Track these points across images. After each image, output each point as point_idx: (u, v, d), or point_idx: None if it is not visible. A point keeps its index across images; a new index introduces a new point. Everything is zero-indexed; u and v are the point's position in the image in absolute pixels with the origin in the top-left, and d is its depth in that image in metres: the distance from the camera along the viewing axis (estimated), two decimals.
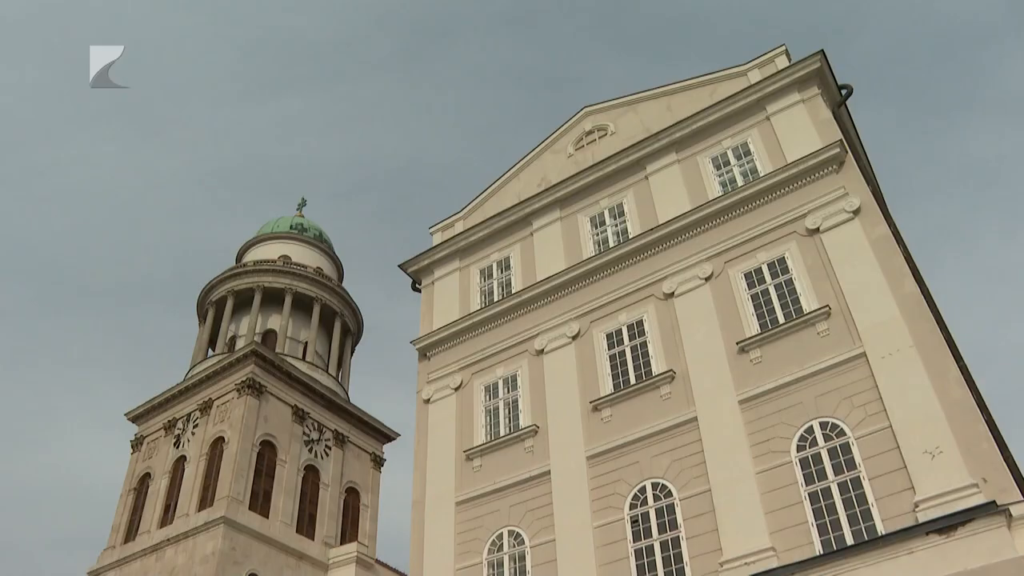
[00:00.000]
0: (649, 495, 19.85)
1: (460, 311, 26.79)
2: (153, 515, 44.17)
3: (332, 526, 45.68)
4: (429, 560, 22.37)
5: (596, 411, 21.89)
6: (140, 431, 49.36)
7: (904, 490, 16.60)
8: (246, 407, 43.81)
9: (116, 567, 43.40)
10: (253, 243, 57.90)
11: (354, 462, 49.32)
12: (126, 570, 42.82)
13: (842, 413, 18.22)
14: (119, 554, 43.81)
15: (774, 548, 17.33)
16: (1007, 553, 14.92)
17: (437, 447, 24.25)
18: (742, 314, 21.04)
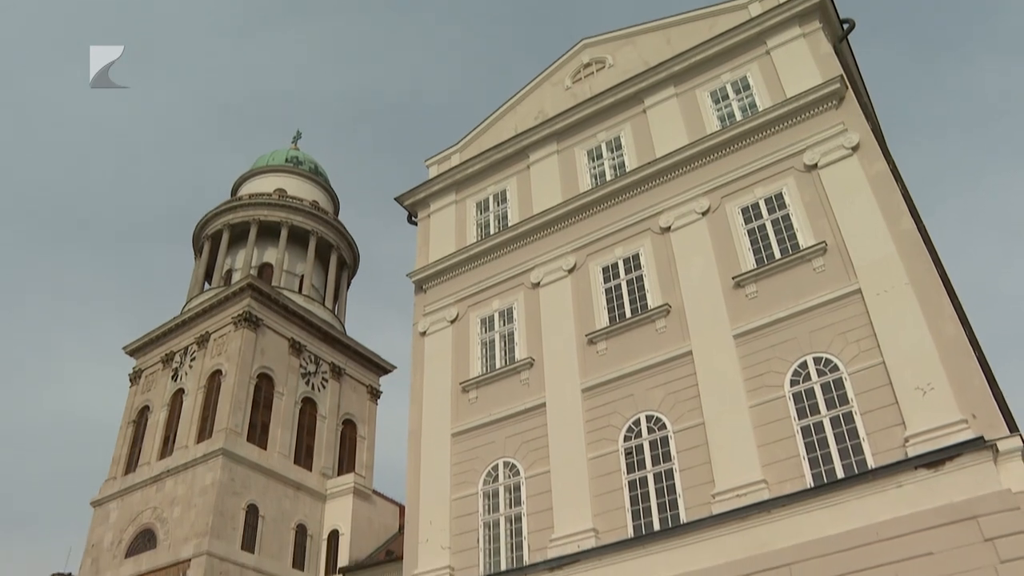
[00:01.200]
0: (643, 427, 20.06)
1: (456, 244, 26.76)
2: (153, 447, 44.67)
3: (329, 457, 46.23)
4: (425, 490, 22.67)
5: (591, 344, 22.01)
6: (138, 365, 49.64)
7: (895, 425, 16.80)
8: (243, 340, 44.01)
9: (118, 497, 44.05)
10: (248, 176, 57.57)
11: (351, 394, 49.74)
12: (127, 500, 43.46)
13: (836, 349, 18.33)
14: (120, 485, 44.42)
15: (766, 481, 17.57)
16: (992, 486, 15.18)
17: (433, 379, 24.42)
18: (738, 249, 21.03)
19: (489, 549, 20.95)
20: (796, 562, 16.25)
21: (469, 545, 21.19)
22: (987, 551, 14.59)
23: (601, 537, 19.10)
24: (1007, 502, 14.88)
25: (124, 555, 41.45)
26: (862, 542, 15.74)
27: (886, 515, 15.79)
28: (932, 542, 15.09)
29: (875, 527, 15.76)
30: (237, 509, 39.72)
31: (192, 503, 39.76)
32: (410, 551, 22.30)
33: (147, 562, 39.91)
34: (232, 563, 38.33)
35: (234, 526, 39.26)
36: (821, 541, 16.20)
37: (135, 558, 40.74)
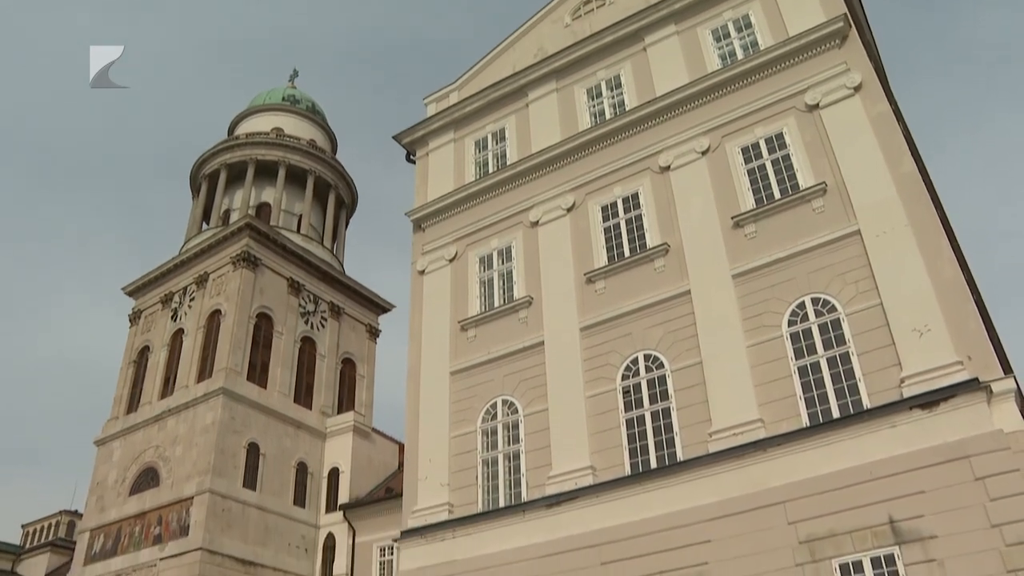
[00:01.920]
0: (641, 366, 20.18)
1: (455, 183, 26.65)
2: (153, 387, 44.93)
3: (329, 396, 46.54)
4: (424, 428, 22.88)
5: (590, 283, 22.04)
6: (137, 305, 49.70)
7: (891, 366, 16.90)
8: (242, 280, 44.00)
9: (120, 437, 44.44)
10: (245, 115, 57.00)
11: (350, 333, 49.89)
12: (130, 439, 43.86)
13: (834, 290, 18.35)
14: (122, 424, 44.79)
15: (762, 420, 17.74)
16: (985, 427, 15.35)
17: (432, 318, 24.49)
18: (738, 189, 20.94)
19: (488, 486, 21.21)
20: (791, 500, 16.48)
21: (468, 482, 21.45)
22: (977, 490, 14.80)
23: (599, 475, 19.33)
24: (999, 442, 15.06)
25: (128, 493, 41.97)
26: (856, 480, 15.95)
27: (880, 454, 15.99)
28: (924, 481, 15.30)
29: (869, 466, 15.97)
30: (238, 447, 40.10)
31: (193, 442, 40.13)
32: (409, 488, 22.58)
33: (151, 500, 40.43)
34: (234, 500, 38.82)
35: (235, 464, 39.67)
36: (816, 479, 16.42)
37: (139, 496, 41.25)
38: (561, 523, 19.13)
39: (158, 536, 39.04)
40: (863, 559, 15.41)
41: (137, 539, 39.94)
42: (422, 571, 20.76)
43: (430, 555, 20.84)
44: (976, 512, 14.66)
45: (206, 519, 37.40)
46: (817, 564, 15.77)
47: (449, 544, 20.70)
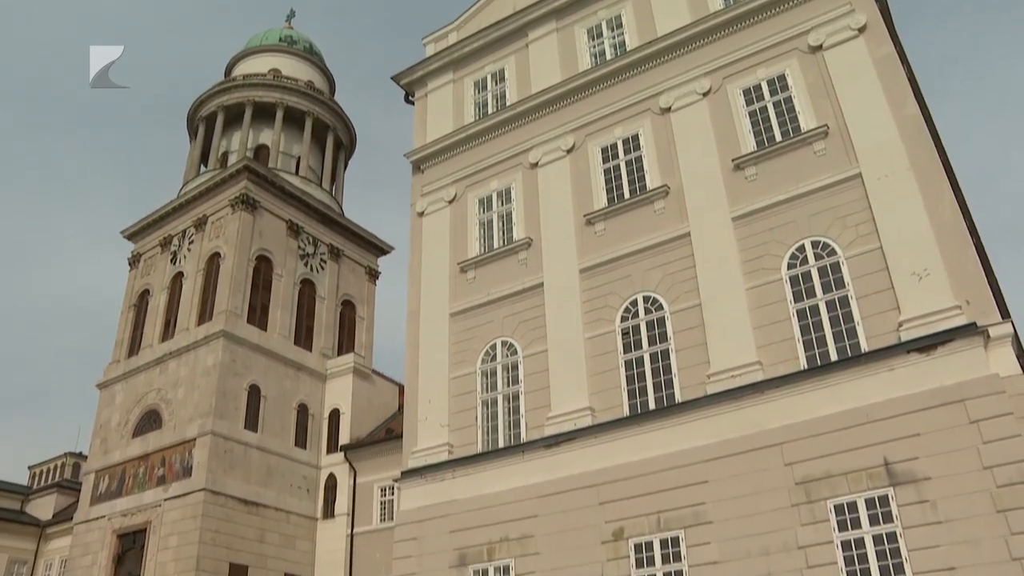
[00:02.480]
0: (640, 308, 20.23)
1: (454, 124, 26.44)
2: (154, 330, 45.05)
3: (329, 338, 46.67)
4: (424, 370, 23.01)
5: (590, 225, 21.99)
6: (137, 248, 49.62)
7: (889, 310, 16.96)
8: (240, 222, 43.86)
9: (122, 380, 44.68)
10: (242, 56, 56.27)
11: (349, 275, 49.89)
12: (132, 382, 44.10)
13: (834, 233, 18.32)
14: (124, 368, 45.00)
15: (760, 362, 17.84)
16: (981, 371, 15.46)
17: (431, 259, 24.49)
18: (739, 131, 20.79)
19: (487, 427, 21.41)
20: (788, 441, 16.66)
21: (467, 423, 21.64)
22: (972, 433, 14.96)
23: (597, 415, 19.49)
24: (994, 386, 15.18)
25: (131, 435, 42.33)
26: (852, 423, 16.12)
27: (877, 397, 16.13)
28: (920, 423, 15.46)
29: (866, 409, 16.11)
30: (239, 389, 40.34)
31: (195, 384, 40.35)
32: (410, 429, 22.78)
33: (154, 442, 40.79)
34: (236, 442, 39.17)
35: (236, 406, 39.93)
36: (813, 422, 16.58)
37: (142, 438, 41.61)
38: (560, 463, 19.35)
39: (162, 477, 39.47)
40: (857, 500, 15.62)
41: (141, 480, 40.39)
42: (422, 510, 21.04)
43: (430, 495, 21.11)
44: (969, 454, 14.84)
45: (208, 460, 37.77)
46: (812, 505, 15.99)
47: (449, 484, 20.96)
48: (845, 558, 15.40)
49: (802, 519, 15.98)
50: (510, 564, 19.22)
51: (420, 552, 20.66)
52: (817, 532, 15.76)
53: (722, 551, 16.59)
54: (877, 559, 15.10)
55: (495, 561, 19.47)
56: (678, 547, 17.19)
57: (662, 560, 17.29)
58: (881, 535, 15.22)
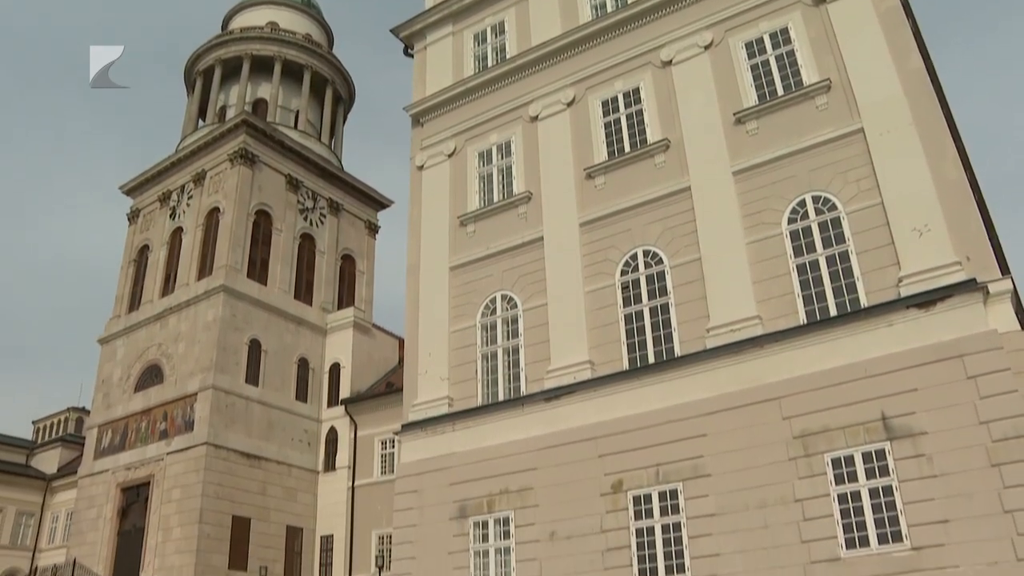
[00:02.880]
0: (640, 262, 20.23)
1: (454, 77, 26.20)
2: (154, 285, 45.12)
3: (329, 292, 46.75)
4: (424, 324, 23.07)
5: (590, 178, 21.90)
6: (135, 204, 49.51)
7: (889, 265, 16.95)
8: (239, 177, 43.72)
9: (123, 335, 44.86)
10: (239, 9, 55.65)
11: (349, 229, 49.83)
12: (133, 338, 44.27)
13: (835, 188, 18.26)
14: (125, 323, 45.14)
15: (760, 316, 17.87)
16: (980, 327, 15.50)
17: (431, 213, 24.43)
18: (740, 85, 20.61)
19: (487, 380, 21.52)
20: (786, 396, 16.75)
21: (467, 376, 21.74)
22: (969, 388, 15.04)
23: (597, 369, 19.58)
24: (992, 342, 15.23)
25: (133, 390, 42.58)
26: (851, 378, 16.19)
27: (875, 352, 16.18)
28: (918, 379, 15.53)
29: (864, 364, 16.17)
30: (240, 344, 40.49)
31: (196, 339, 40.50)
32: (410, 383, 22.90)
33: (155, 396, 41.04)
34: (237, 396, 39.41)
35: (237, 360, 40.12)
36: (811, 376, 16.65)
37: (144, 392, 41.86)
38: (559, 416, 19.48)
39: (164, 432, 39.77)
40: (855, 454, 15.74)
41: (144, 434, 40.71)
42: (423, 463, 21.22)
43: (430, 447, 21.28)
44: (966, 409, 14.94)
45: (210, 414, 38.04)
46: (810, 458, 16.12)
47: (449, 437, 21.12)
48: (841, 511, 15.56)
49: (799, 472, 16.12)
50: (510, 516, 19.43)
51: (420, 504, 20.87)
52: (814, 485, 15.90)
53: (720, 504, 16.76)
54: (873, 512, 15.27)
55: (495, 513, 19.67)
56: (676, 499, 17.36)
57: (660, 512, 17.46)
58: (877, 488, 15.36)
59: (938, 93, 18.69)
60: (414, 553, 20.53)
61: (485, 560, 19.55)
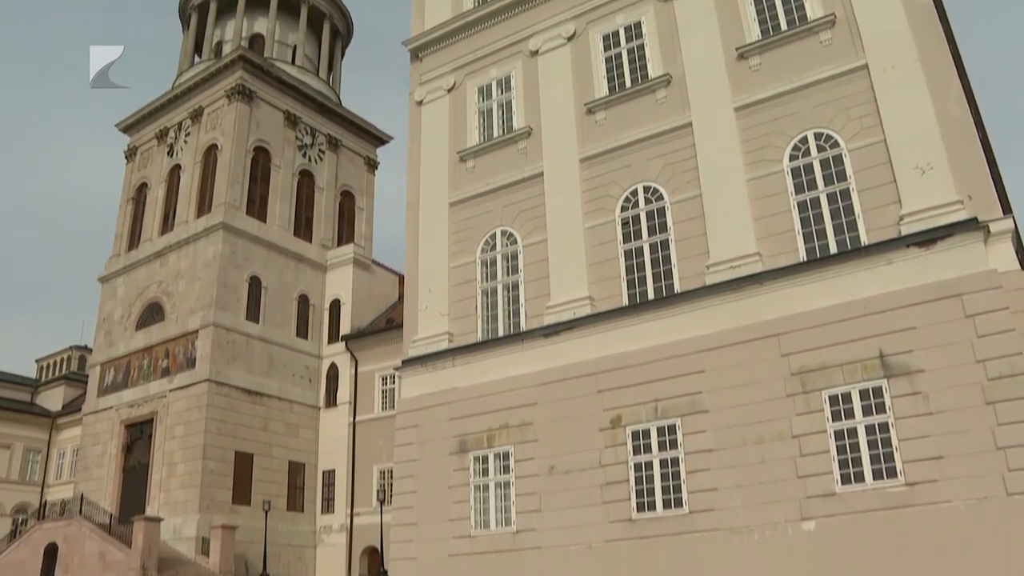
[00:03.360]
0: (640, 198, 20.15)
1: (453, 10, 25.77)
2: (153, 223, 45.03)
3: (329, 229, 46.68)
4: (424, 260, 23.07)
5: (590, 114, 21.70)
6: (133, 141, 49.16)
7: (891, 204, 16.87)
8: (237, 113, 43.35)
9: (123, 273, 44.89)
10: None
11: (348, 166, 49.56)
12: (133, 276, 44.31)
13: (838, 125, 18.09)
14: (124, 261, 45.14)
15: (760, 253, 17.86)
16: (980, 266, 15.50)
17: (430, 149, 24.25)
18: (743, 19, 20.28)
19: (487, 316, 21.60)
20: (785, 333, 16.82)
21: (467, 312, 21.81)
22: (967, 326, 15.10)
23: (596, 305, 19.63)
24: (991, 281, 15.25)
25: (135, 328, 42.75)
26: (849, 315, 16.24)
27: (875, 290, 16.20)
28: (916, 317, 15.58)
29: (863, 301, 16.21)
30: (240, 281, 40.55)
31: (196, 276, 40.54)
32: (410, 318, 22.98)
33: (157, 334, 41.22)
34: (238, 333, 39.58)
35: (238, 297, 40.23)
36: (810, 314, 16.70)
37: (145, 330, 42.03)
38: (559, 352, 19.59)
39: (166, 369, 40.04)
40: (852, 391, 15.87)
41: (146, 372, 40.99)
42: (423, 398, 21.39)
43: (431, 383, 21.43)
44: (963, 348, 15.01)
45: (211, 351, 38.25)
46: (807, 395, 16.25)
47: (449, 372, 21.25)
48: (837, 447, 15.75)
49: (797, 409, 16.27)
50: (510, 451, 19.65)
51: (421, 439, 21.09)
52: (811, 422, 16.06)
53: (717, 439, 16.94)
54: (868, 448, 15.46)
55: (495, 448, 19.89)
56: (675, 435, 17.54)
57: (659, 447, 17.65)
58: (873, 425, 15.52)
59: (944, 28, 18.40)
60: (415, 487, 20.81)
61: (485, 494, 19.82)
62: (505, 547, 18.99)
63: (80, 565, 35.58)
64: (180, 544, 35.64)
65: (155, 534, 33.66)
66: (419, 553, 20.21)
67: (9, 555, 39.24)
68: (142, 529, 33.18)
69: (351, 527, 39.04)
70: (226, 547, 34.87)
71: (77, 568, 35.62)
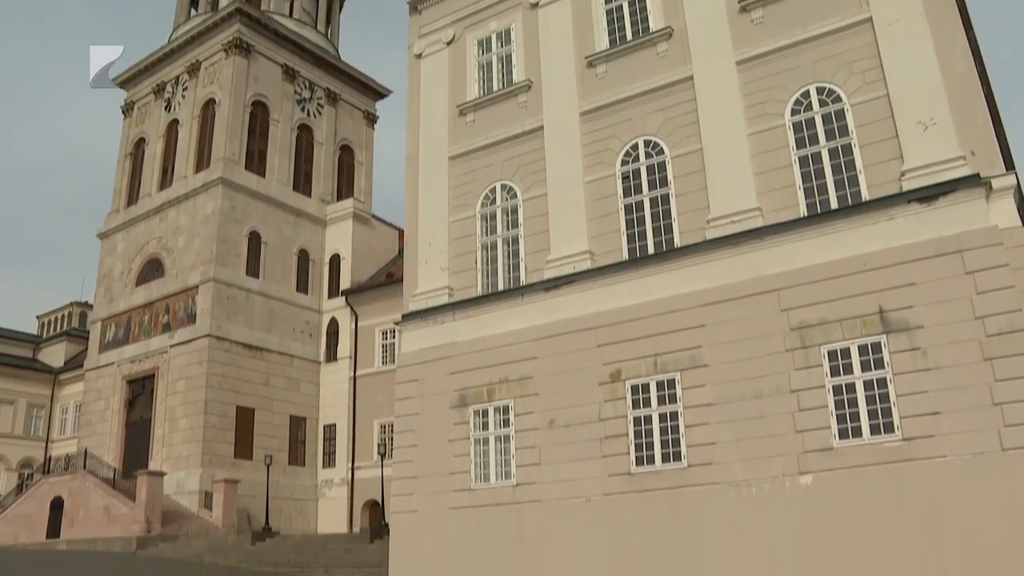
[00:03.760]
0: (641, 152, 20.03)
1: None
2: (152, 179, 44.95)
3: (328, 184, 46.60)
4: (424, 214, 22.99)
5: (591, 67, 21.48)
6: (130, 96, 48.87)
7: (892, 159, 16.75)
8: (235, 67, 43.04)
9: (122, 229, 44.92)
10: None
11: (347, 120, 49.31)
12: (132, 232, 44.33)
13: (840, 79, 17.91)
14: (123, 217, 45.13)
15: (760, 208, 17.78)
16: (981, 222, 15.42)
17: (430, 102, 24.05)
18: None
19: (487, 270, 21.57)
20: (785, 288, 16.80)
21: (467, 266, 21.80)
22: (966, 283, 15.07)
23: (596, 259, 19.60)
24: (992, 237, 15.18)
25: (135, 284, 42.86)
26: (850, 271, 16.20)
27: (875, 246, 16.15)
28: (916, 273, 15.54)
29: (863, 257, 16.17)
30: (239, 236, 40.56)
31: (195, 232, 40.54)
32: (410, 273, 22.97)
33: (157, 290, 41.33)
34: (238, 288, 39.68)
35: (237, 253, 40.27)
36: (810, 269, 16.67)
37: (145, 286, 42.14)
38: (559, 306, 19.61)
39: (167, 324, 40.21)
40: (851, 346, 15.89)
41: (147, 327, 41.18)
42: (423, 352, 21.45)
43: (431, 337, 21.48)
44: (963, 304, 14.99)
45: (212, 307, 38.38)
46: (806, 350, 16.28)
47: (449, 326, 21.29)
48: (836, 402, 15.80)
49: (796, 364, 16.30)
50: (509, 404, 19.75)
51: (421, 393, 21.19)
52: (810, 377, 16.11)
53: (716, 393, 17.01)
54: (866, 404, 15.49)
55: (495, 401, 19.99)
56: (674, 389, 17.60)
57: (658, 402, 17.73)
58: (872, 381, 15.56)
59: None
60: (415, 441, 20.95)
61: (485, 448, 19.96)
62: (505, 500, 19.17)
63: (85, 518, 36.04)
64: (183, 498, 36.06)
65: (158, 488, 34.05)
66: (420, 506, 20.41)
67: (16, 508, 39.79)
68: (145, 483, 33.56)
69: (352, 481, 39.44)
70: (228, 501, 35.29)
71: (83, 521, 36.08)
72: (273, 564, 27.27)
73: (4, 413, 53.00)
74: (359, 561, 25.68)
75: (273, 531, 32.88)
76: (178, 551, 30.88)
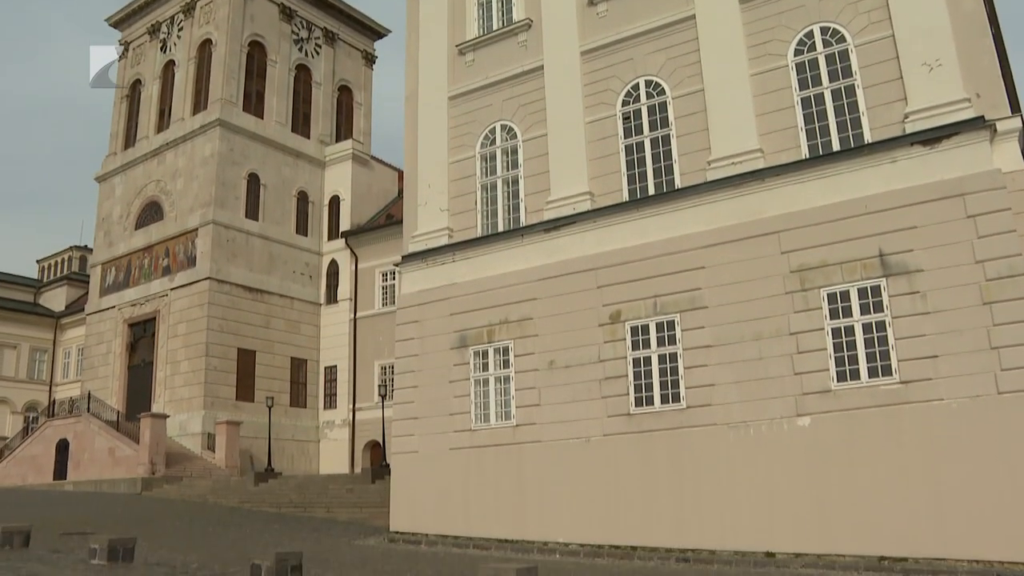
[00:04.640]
0: (642, 92, 19.82)
1: None
2: (149, 121, 44.58)
3: (327, 124, 46.23)
4: (423, 154, 22.85)
5: (592, 5, 21.12)
6: (124, 37, 48.25)
7: (896, 101, 16.55)
8: (231, 7, 42.43)
9: (120, 172, 44.68)
10: None
11: (345, 60, 48.75)
12: (130, 175, 44.10)
13: (845, 19, 17.64)
14: (121, 160, 44.85)
15: (762, 150, 17.65)
16: (984, 166, 15.27)
17: (429, 42, 23.75)
18: None
19: (487, 211, 21.52)
20: (785, 230, 16.73)
21: (467, 207, 21.74)
22: (967, 227, 14.97)
23: (596, 200, 19.53)
24: (995, 181, 15.05)
25: (134, 227, 42.76)
26: (851, 213, 16.11)
27: (877, 189, 16.03)
28: (917, 216, 15.45)
29: (864, 200, 16.07)
30: (238, 178, 40.36)
31: (194, 174, 40.34)
32: (410, 214, 22.91)
33: (156, 233, 41.25)
34: (237, 230, 39.60)
35: (236, 195, 40.12)
36: (811, 211, 16.59)
37: (144, 230, 42.05)
38: (559, 247, 19.59)
39: (167, 267, 40.21)
40: (850, 289, 15.87)
41: (147, 271, 41.18)
42: (423, 294, 21.49)
43: (431, 278, 21.50)
44: (963, 248, 14.92)
45: (211, 249, 38.34)
46: (806, 293, 16.27)
47: (449, 268, 21.30)
48: (834, 345, 15.83)
49: (795, 306, 16.31)
50: (509, 345, 19.83)
51: (421, 334, 21.27)
52: (809, 319, 16.12)
53: (716, 335, 17.05)
54: (865, 347, 15.53)
55: (495, 342, 20.07)
56: (673, 331, 17.65)
57: (657, 343, 17.79)
58: (871, 324, 15.58)
59: None
60: (416, 382, 21.08)
61: (485, 388, 20.09)
62: (505, 441, 19.35)
63: (91, 460, 36.44)
64: (186, 440, 36.41)
65: (162, 430, 34.37)
66: (420, 447, 20.61)
67: (24, 450, 40.24)
68: (149, 425, 33.86)
69: (353, 422, 39.78)
70: (231, 442, 35.68)
71: (88, 463, 36.48)
72: (276, 504, 27.65)
73: (8, 357, 53.30)
74: (360, 501, 26.03)
75: (275, 472, 33.29)
76: (182, 492, 31.31)
